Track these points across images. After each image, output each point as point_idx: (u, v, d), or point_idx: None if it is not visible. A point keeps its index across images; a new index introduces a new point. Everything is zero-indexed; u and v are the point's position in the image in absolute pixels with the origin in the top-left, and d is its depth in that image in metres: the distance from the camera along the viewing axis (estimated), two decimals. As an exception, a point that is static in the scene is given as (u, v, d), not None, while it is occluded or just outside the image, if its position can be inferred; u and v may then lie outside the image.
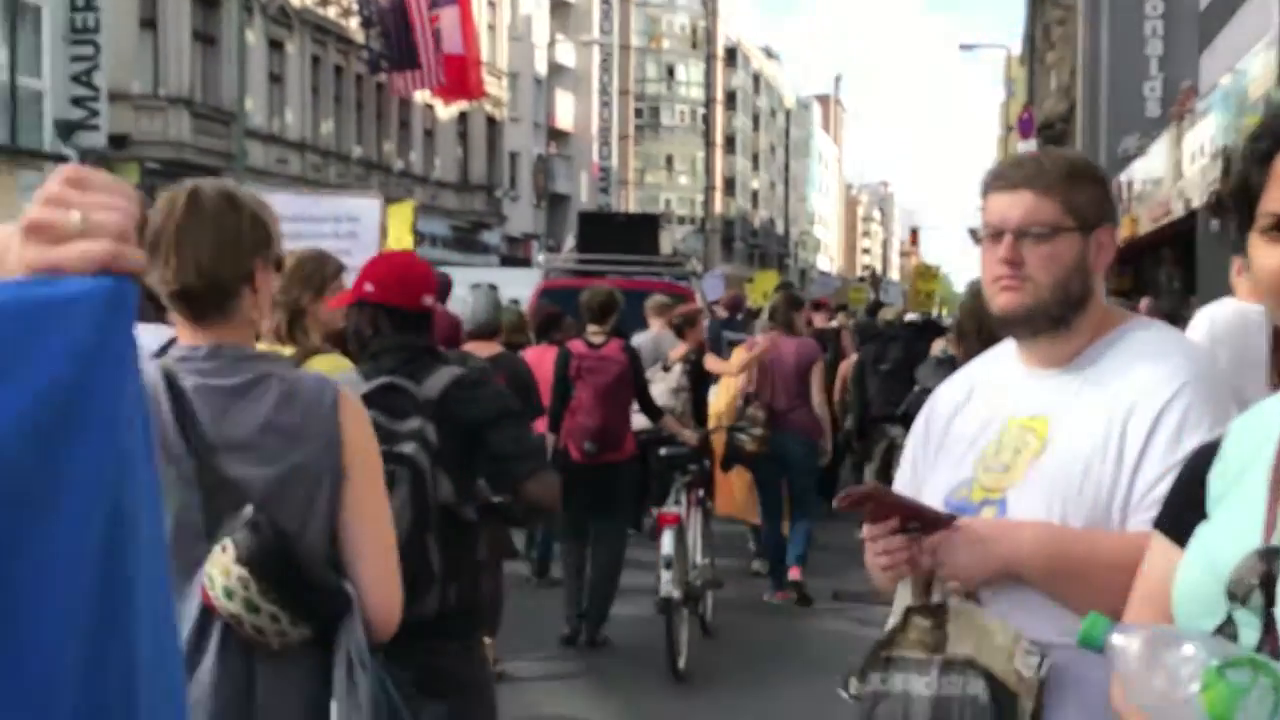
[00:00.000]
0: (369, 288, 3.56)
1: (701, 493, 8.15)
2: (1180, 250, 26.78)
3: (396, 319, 3.56)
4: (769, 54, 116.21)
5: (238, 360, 2.41)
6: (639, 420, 7.87)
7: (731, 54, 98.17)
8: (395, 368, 3.49)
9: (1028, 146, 22.36)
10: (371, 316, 3.58)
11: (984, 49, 68.53)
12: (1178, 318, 12.98)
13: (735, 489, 9.17)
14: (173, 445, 2.30)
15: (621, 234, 14.80)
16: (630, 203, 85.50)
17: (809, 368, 8.85)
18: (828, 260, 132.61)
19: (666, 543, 7.16)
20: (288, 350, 3.83)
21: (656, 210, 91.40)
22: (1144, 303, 12.88)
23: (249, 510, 2.30)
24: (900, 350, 10.41)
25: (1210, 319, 5.40)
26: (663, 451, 7.70)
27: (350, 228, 9.16)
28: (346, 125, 35.66)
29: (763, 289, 22.83)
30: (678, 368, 8.70)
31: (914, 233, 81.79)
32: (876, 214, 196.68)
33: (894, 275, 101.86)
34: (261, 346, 2.93)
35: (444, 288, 8.09)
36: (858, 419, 10.63)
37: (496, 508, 3.69)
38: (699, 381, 9.15)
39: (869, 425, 10.46)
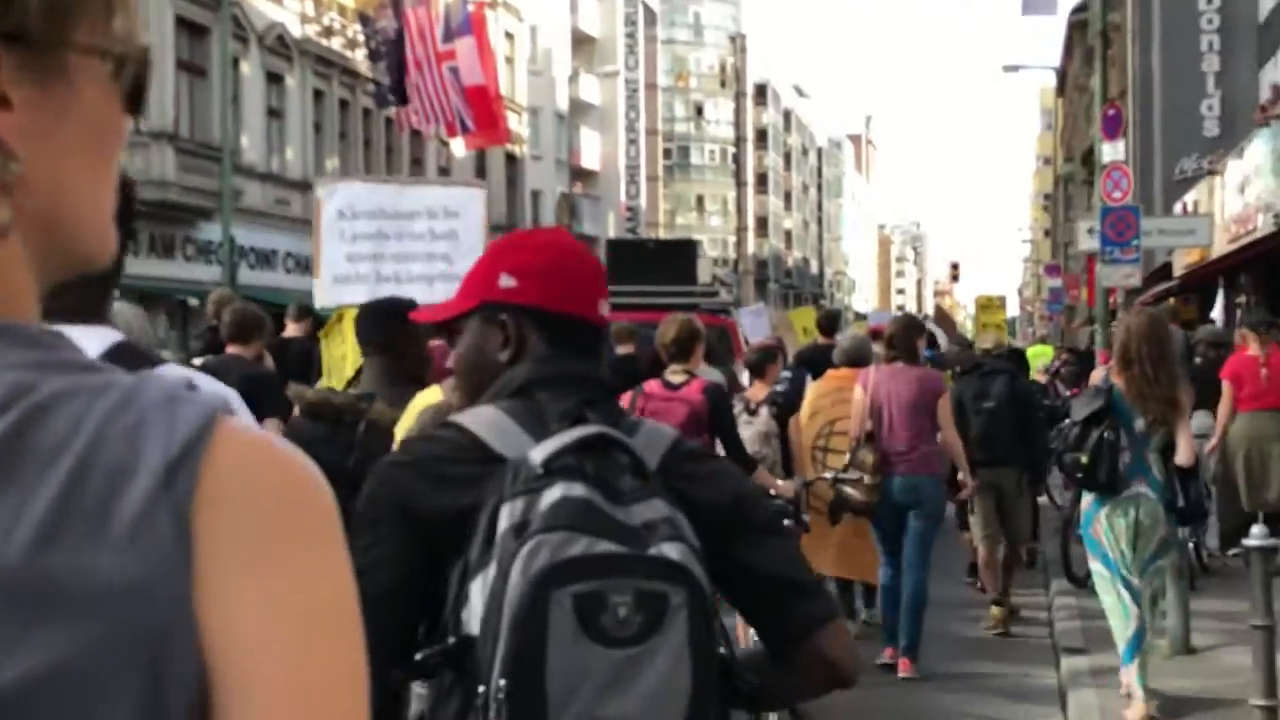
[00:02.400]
0: (508, 281, 2.06)
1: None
2: (1264, 273, 24.33)
3: (561, 333, 2.05)
4: (799, 92, 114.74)
5: None
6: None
7: (761, 91, 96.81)
8: (578, 414, 1.97)
9: (1114, 149, 19.96)
10: (516, 328, 2.06)
11: (1029, 70, 66.55)
12: (1224, 344, 11.05)
13: (845, 545, 8.13)
14: None
15: (654, 262, 13.91)
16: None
17: (934, 400, 7.94)
18: (863, 301, 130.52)
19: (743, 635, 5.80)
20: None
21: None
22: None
23: None
24: (1004, 386, 9.26)
25: None
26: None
27: (449, 225, 7.58)
28: (352, 163, 33.64)
29: (802, 324, 21.73)
30: (764, 411, 7.76)
31: (955, 267, 79.49)
32: (910, 254, 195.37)
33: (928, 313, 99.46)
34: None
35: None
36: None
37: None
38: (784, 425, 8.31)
39: (971, 470, 9.08)
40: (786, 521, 6.82)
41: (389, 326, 4.32)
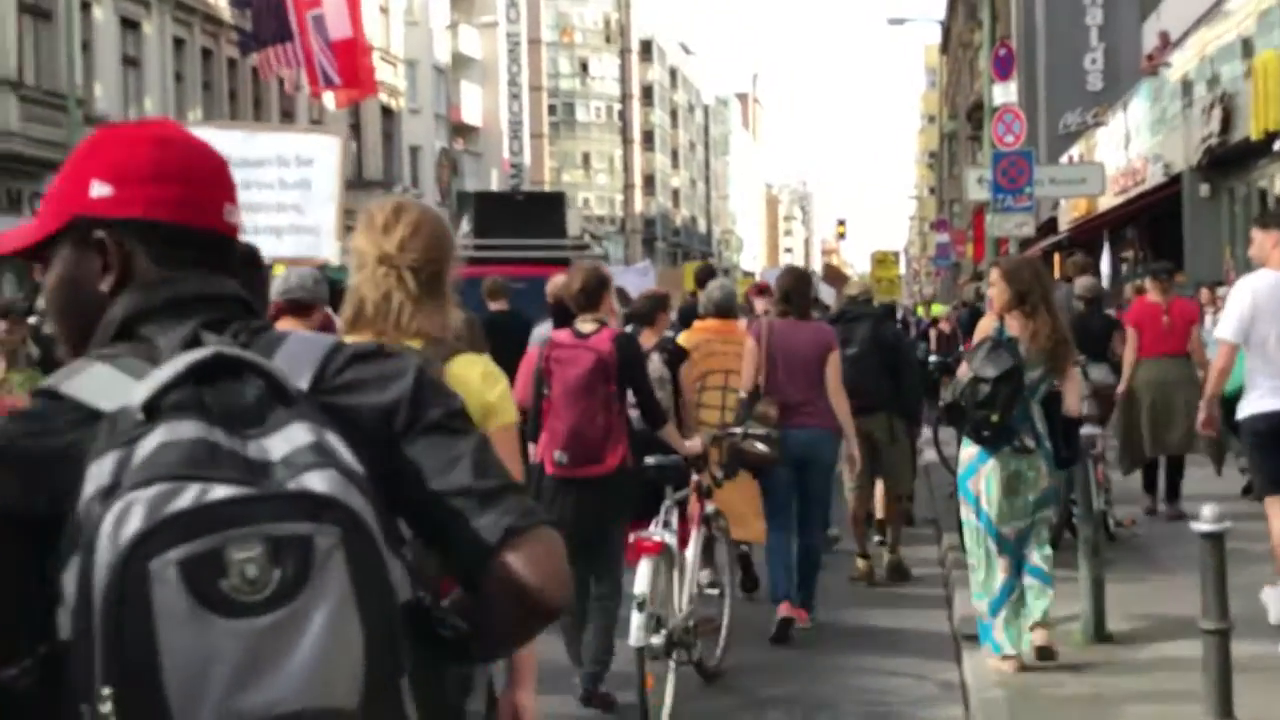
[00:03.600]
0: (102, 189, 1.69)
1: (711, 508, 7.05)
2: (1147, 227, 24.13)
3: (177, 250, 1.71)
4: (685, 49, 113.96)
5: None
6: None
7: (647, 48, 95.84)
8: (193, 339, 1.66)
9: (1005, 90, 19.38)
10: (117, 249, 1.70)
11: (914, 23, 66.67)
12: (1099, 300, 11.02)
13: (734, 504, 7.74)
14: None
15: (522, 215, 13.71)
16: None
17: (827, 354, 7.82)
18: (751, 259, 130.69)
19: (641, 578, 5.98)
20: (415, 344, 2.82)
21: (574, 210, 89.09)
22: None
23: None
24: (868, 331, 9.05)
25: (1252, 290, 6.32)
26: (649, 461, 6.50)
27: (301, 174, 7.32)
28: (217, 115, 32.00)
29: (690, 281, 21.35)
30: (655, 358, 7.48)
31: (841, 223, 79.42)
32: (798, 212, 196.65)
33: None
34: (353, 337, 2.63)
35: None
36: None
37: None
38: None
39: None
40: (690, 478, 6.77)
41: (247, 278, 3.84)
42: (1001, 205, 16.46)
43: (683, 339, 8.30)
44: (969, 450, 6.47)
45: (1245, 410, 6.52)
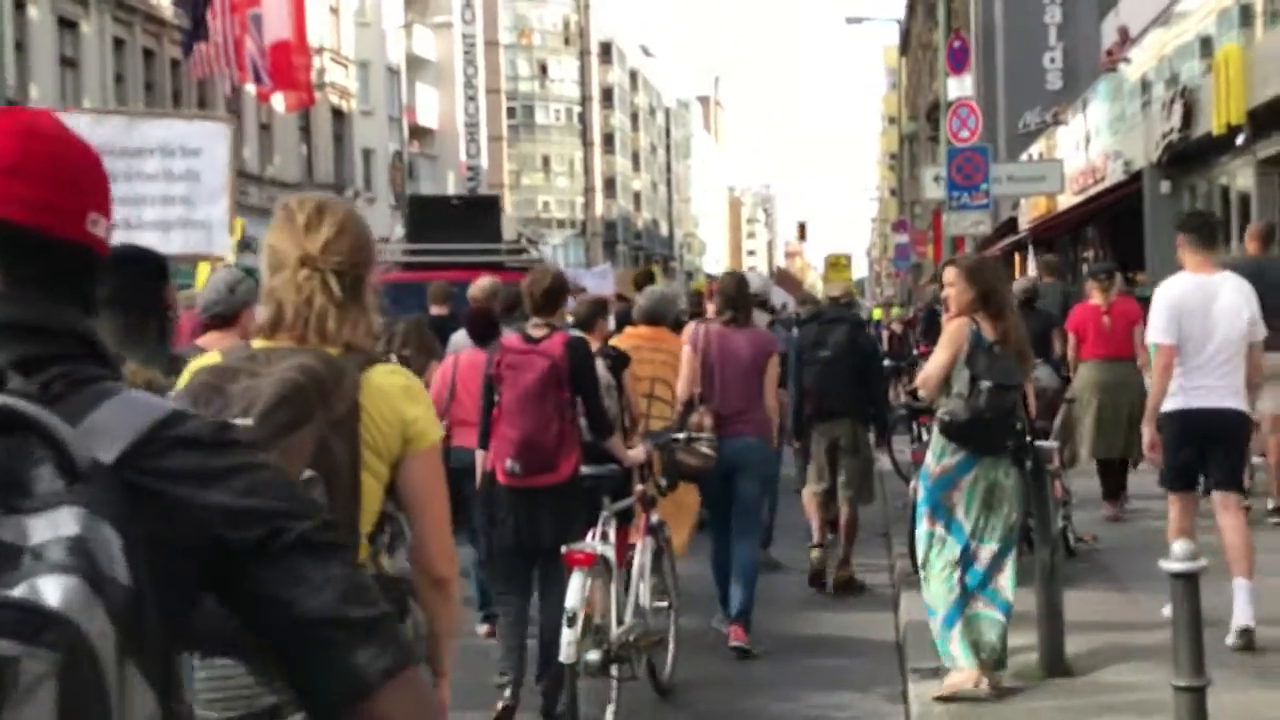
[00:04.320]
0: None
1: (655, 519, 6.84)
2: (1108, 225, 23.75)
3: (20, 262, 1.46)
4: (646, 51, 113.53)
5: None
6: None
7: (606, 50, 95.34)
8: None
9: (960, 84, 18.91)
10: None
11: (873, 23, 66.65)
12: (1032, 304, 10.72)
13: (670, 515, 7.50)
14: None
15: (457, 219, 13.65)
16: (507, 205, 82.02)
17: (767, 361, 7.67)
18: (714, 263, 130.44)
19: (572, 592, 5.76)
20: (333, 351, 2.69)
21: (534, 214, 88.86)
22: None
23: None
24: (844, 335, 8.87)
25: (1169, 294, 6.67)
26: (584, 471, 6.26)
27: (188, 164, 6.91)
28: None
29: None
30: (599, 363, 7.16)
31: (801, 226, 79.00)
32: (761, 215, 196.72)
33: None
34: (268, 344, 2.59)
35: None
36: (796, 416, 9.14)
37: None
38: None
39: (807, 423, 9.00)
40: (639, 486, 6.63)
41: (126, 276, 3.75)
42: (957, 203, 15.96)
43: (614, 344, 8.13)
44: (947, 461, 6.00)
45: (1164, 406, 6.64)
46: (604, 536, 6.20)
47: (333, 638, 1.41)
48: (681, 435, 7.36)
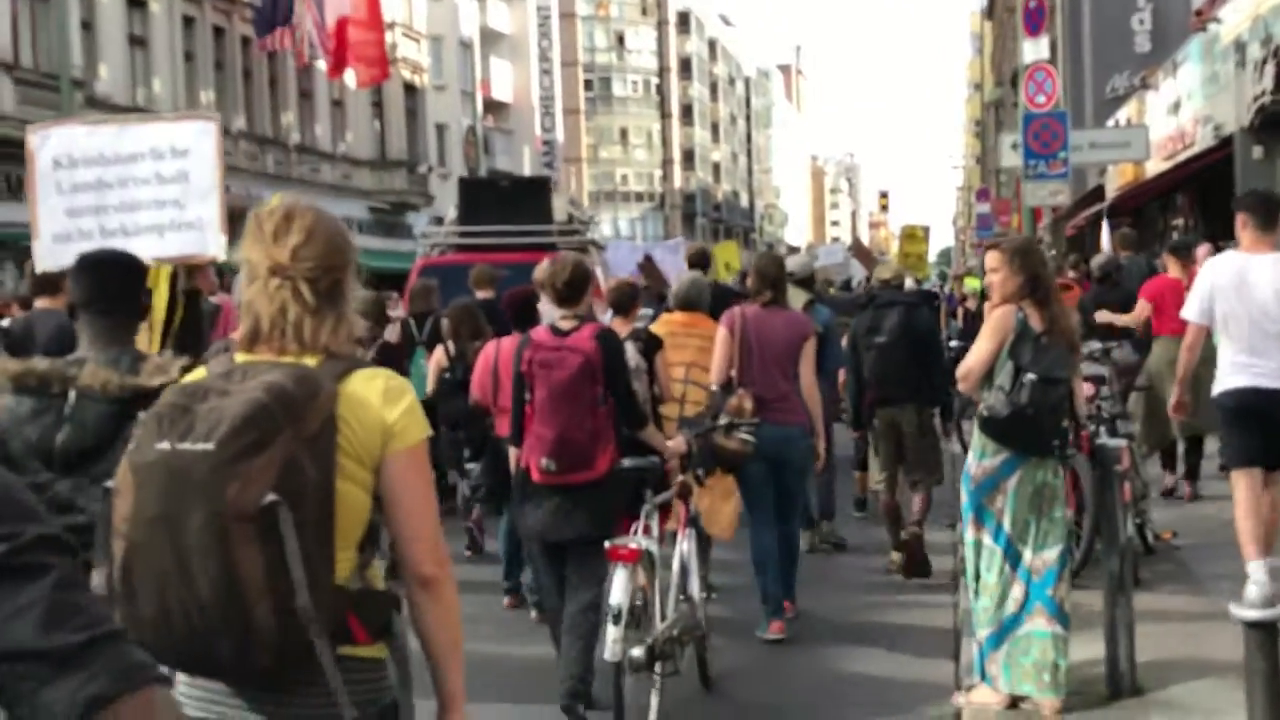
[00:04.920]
0: None
1: (695, 509, 6.77)
2: (1198, 193, 22.77)
3: None
4: (725, 21, 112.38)
5: None
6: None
7: (684, 20, 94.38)
8: None
9: (1036, 46, 18.09)
10: None
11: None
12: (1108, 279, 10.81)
13: (709, 501, 7.44)
14: None
15: (507, 201, 13.52)
16: (585, 179, 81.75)
17: (803, 344, 7.57)
18: (796, 234, 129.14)
19: (617, 588, 5.65)
20: (312, 361, 2.65)
21: (611, 187, 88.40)
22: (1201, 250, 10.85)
23: None
24: (899, 319, 8.63)
25: (1212, 271, 6.74)
26: (625, 463, 6.14)
27: (178, 166, 6.79)
28: (230, 96, 31.16)
29: (725, 259, 20.93)
30: (630, 346, 7.11)
31: (884, 195, 77.61)
32: (844, 185, 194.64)
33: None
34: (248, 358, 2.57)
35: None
36: (854, 404, 9.01)
37: None
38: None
39: (869, 411, 8.84)
40: (681, 477, 6.50)
41: (108, 282, 3.98)
42: (1034, 171, 15.17)
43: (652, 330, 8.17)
44: (989, 463, 5.53)
45: (1216, 387, 6.67)
46: (646, 530, 6.09)
47: (28, 671, 1.35)
48: (721, 421, 7.16)
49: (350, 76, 29.51)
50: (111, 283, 3.98)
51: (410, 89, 40.85)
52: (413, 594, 2.66)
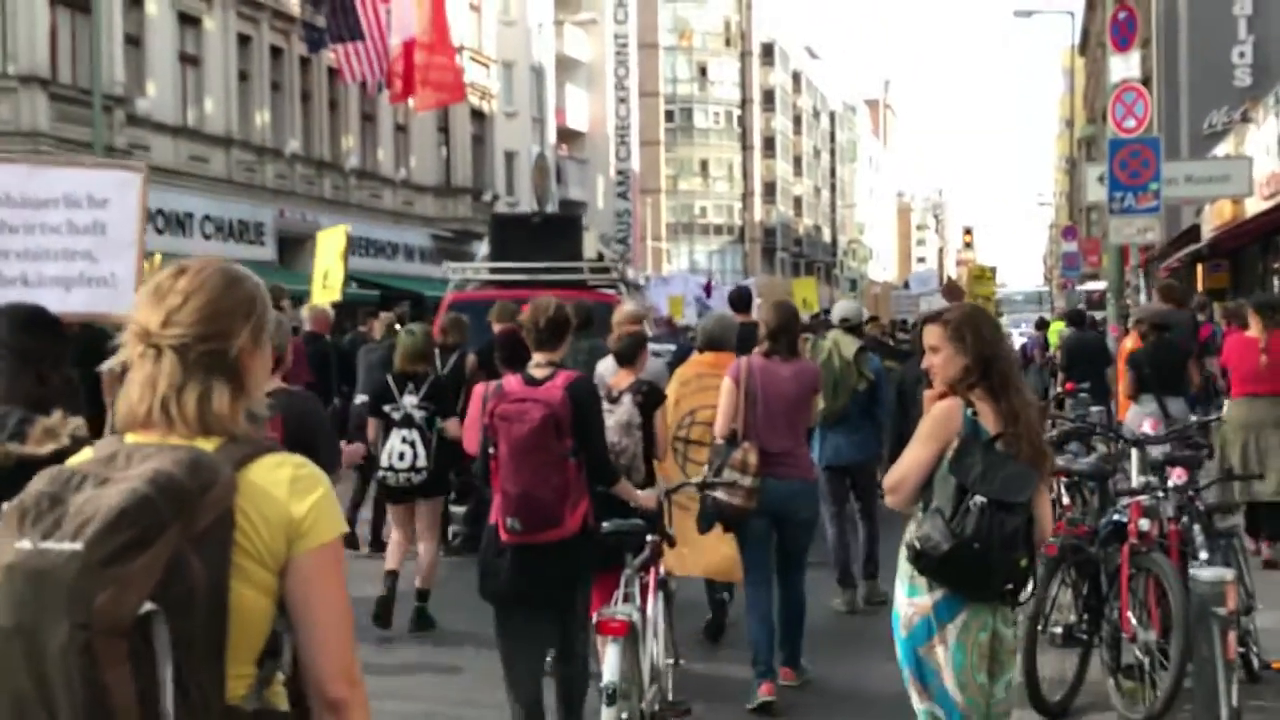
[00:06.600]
0: None
1: (662, 571, 6.48)
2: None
3: None
4: (810, 53, 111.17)
5: None
6: None
7: (768, 51, 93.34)
8: None
9: (1126, 63, 16.53)
10: None
11: (1044, 15, 64.03)
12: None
13: (710, 543, 7.53)
14: None
15: (538, 237, 13.56)
16: (663, 211, 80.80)
17: (810, 397, 7.54)
18: (881, 270, 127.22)
19: (609, 665, 5.42)
20: (208, 444, 2.35)
21: (689, 219, 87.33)
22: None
23: None
24: None
25: None
26: (605, 526, 5.90)
27: (93, 216, 6.58)
28: (288, 118, 30.39)
29: (803, 295, 20.10)
30: (626, 399, 7.17)
31: (968, 232, 75.64)
32: (931, 221, 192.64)
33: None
34: (137, 439, 2.30)
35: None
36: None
37: None
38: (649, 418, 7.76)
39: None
40: (649, 539, 6.34)
41: (27, 337, 3.81)
42: (1121, 205, 13.57)
43: (677, 373, 8.24)
44: (921, 602, 4.17)
45: None
46: (628, 598, 5.94)
47: None
48: (725, 476, 7.03)
49: (413, 100, 28.69)
50: (15, 337, 3.81)
51: (478, 115, 39.99)
52: (319, 718, 2.37)
